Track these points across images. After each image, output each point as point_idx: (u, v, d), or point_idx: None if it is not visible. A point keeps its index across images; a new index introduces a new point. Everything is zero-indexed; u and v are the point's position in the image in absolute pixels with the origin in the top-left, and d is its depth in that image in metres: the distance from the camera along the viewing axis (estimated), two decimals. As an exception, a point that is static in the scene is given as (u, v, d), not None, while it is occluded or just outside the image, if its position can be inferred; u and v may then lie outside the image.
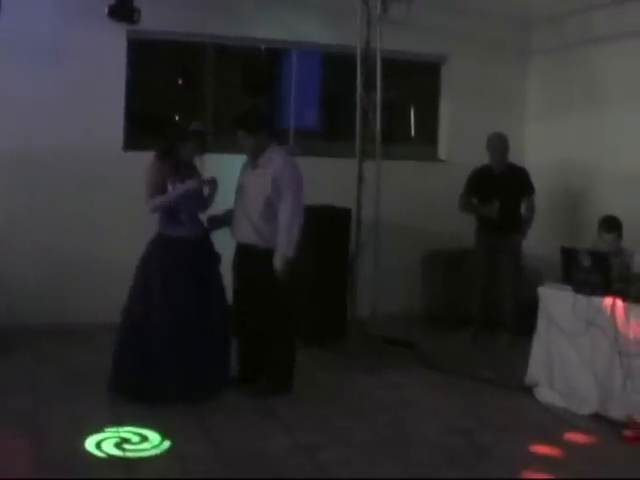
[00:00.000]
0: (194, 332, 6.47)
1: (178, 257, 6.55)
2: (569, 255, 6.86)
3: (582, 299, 6.59)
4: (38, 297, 8.43)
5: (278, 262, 6.54)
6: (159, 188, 6.52)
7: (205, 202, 6.83)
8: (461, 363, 7.85)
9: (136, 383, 6.41)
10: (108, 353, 6.68)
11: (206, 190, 6.78)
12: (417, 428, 6.25)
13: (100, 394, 6.52)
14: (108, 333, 6.91)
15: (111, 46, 8.65)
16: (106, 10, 7.79)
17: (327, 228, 8.35)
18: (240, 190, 6.86)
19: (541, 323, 7.02)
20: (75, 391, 6.62)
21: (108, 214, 8.67)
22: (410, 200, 9.56)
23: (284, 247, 6.55)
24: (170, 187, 6.54)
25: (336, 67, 10.34)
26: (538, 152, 10.05)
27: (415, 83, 10.65)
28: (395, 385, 7.27)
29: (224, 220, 6.90)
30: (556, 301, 6.87)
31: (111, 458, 5.41)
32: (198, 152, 6.78)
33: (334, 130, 10.63)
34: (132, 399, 6.34)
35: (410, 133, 10.94)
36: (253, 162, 6.82)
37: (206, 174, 6.87)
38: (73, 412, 6.16)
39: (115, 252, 8.37)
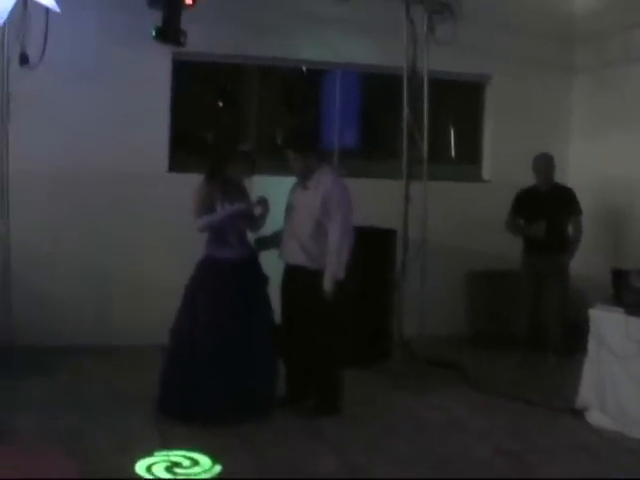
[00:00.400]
0: (240, 353, 6.45)
1: (224, 278, 6.54)
2: (620, 276, 6.78)
3: (635, 321, 6.48)
4: (81, 317, 8.48)
5: (328, 283, 6.52)
6: (207, 208, 6.53)
7: (256, 223, 6.83)
8: (508, 385, 7.76)
9: (183, 404, 6.39)
10: (152, 373, 6.68)
11: (257, 210, 6.76)
12: (464, 450, 6.15)
13: (146, 414, 6.51)
14: (152, 353, 6.99)
15: (156, 67, 8.73)
16: (152, 33, 7.70)
17: (372, 249, 8.22)
18: (289, 211, 6.85)
19: (592, 345, 6.91)
20: (121, 411, 6.62)
21: (153, 235, 8.67)
22: (454, 221, 9.49)
23: (334, 268, 6.53)
24: (219, 208, 6.55)
25: (376, 86, 10.22)
26: (581, 170, 9.95)
27: (457, 102, 10.57)
28: (441, 407, 7.18)
29: (272, 241, 6.89)
30: (607, 323, 6.76)
31: (161, 481, 5.38)
32: (247, 173, 6.78)
33: (375, 150, 10.54)
34: (179, 419, 6.32)
35: (452, 153, 10.84)
36: (303, 183, 6.80)
37: (254, 196, 6.85)
38: (120, 432, 6.13)
39: (159, 273, 8.45)
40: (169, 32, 7.73)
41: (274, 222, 6.85)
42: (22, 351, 7.68)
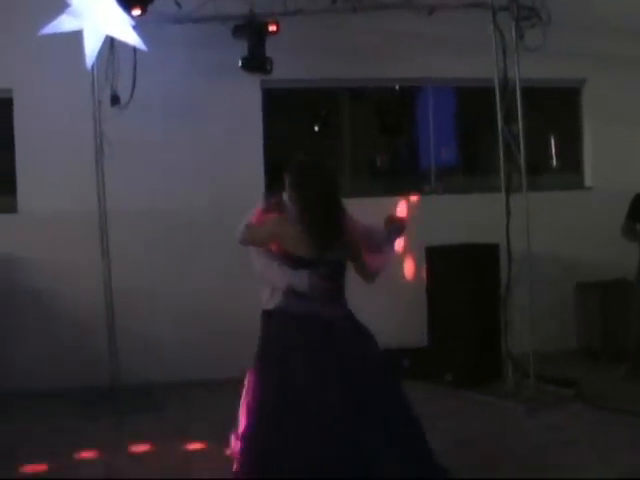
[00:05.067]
0: None
1: None
2: None
3: None
4: (185, 353, 8.46)
5: None
6: None
7: None
8: (624, 400, 7.38)
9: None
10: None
11: None
12: (585, 470, 5.84)
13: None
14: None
15: (246, 99, 8.74)
16: (239, 63, 7.89)
17: (476, 265, 8.26)
18: None
19: None
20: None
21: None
22: (559, 231, 9.19)
23: None
24: None
25: (470, 100, 9.99)
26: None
27: (554, 110, 10.25)
28: (556, 425, 6.90)
29: None
30: None
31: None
32: None
33: (473, 165, 10.44)
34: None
35: (552, 162, 10.57)
36: None
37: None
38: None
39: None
40: (255, 60, 7.89)
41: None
42: (129, 389, 7.83)
